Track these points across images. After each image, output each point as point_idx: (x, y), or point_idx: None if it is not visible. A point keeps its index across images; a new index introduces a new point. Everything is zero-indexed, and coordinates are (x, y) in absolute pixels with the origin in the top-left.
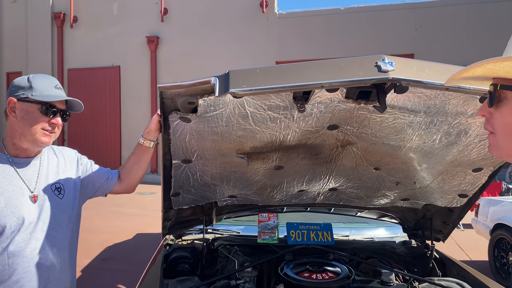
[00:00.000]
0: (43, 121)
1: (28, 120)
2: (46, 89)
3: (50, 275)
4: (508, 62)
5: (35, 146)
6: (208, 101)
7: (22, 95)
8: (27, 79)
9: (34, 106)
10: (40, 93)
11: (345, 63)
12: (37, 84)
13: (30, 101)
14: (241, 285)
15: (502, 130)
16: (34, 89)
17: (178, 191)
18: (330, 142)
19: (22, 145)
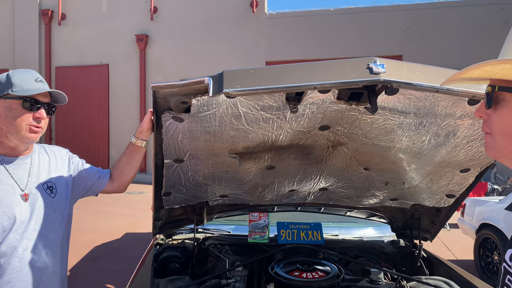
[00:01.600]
0: (27, 116)
1: (12, 117)
2: (26, 83)
3: (42, 275)
4: (507, 65)
5: (22, 143)
6: (201, 101)
7: (4, 92)
8: (6, 76)
9: (16, 102)
10: (21, 88)
11: (338, 65)
12: (16, 79)
13: (11, 97)
14: (231, 284)
15: (499, 131)
16: (14, 84)
17: (169, 191)
18: (321, 143)
19: (9, 143)
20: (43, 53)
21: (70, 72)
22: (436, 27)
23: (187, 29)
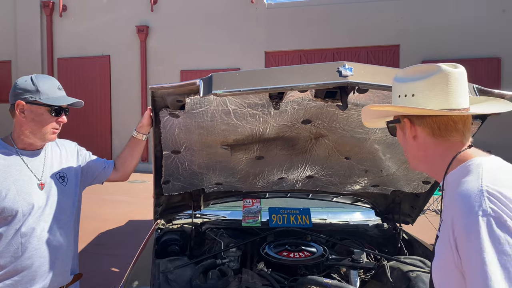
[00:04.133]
0: (52, 121)
1: (39, 121)
2: (52, 92)
3: (57, 252)
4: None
5: (43, 141)
6: (194, 100)
7: (31, 98)
8: (32, 83)
9: (43, 109)
10: (47, 96)
11: (312, 68)
12: (43, 87)
13: (41, 104)
14: (226, 263)
15: (407, 154)
16: (41, 92)
17: (168, 179)
18: (304, 135)
19: (29, 140)
20: (45, 44)
21: (72, 63)
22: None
23: (187, 20)
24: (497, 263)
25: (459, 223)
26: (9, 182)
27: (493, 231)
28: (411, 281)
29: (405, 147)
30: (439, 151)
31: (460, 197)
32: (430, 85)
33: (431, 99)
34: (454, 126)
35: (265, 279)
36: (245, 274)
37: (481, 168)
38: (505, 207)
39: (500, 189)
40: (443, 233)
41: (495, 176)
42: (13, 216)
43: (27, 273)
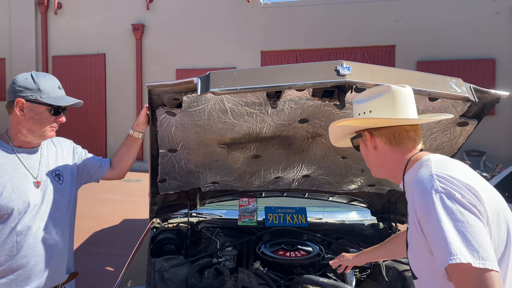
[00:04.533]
0: (51, 120)
1: (38, 120)
2: (53, 91)
3: (53, 251)
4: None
5: (42, 139)
6: (191, 98)
7: (31, 97)
8: (33, 81)
9: (43, 108)
10: (48, 95)
11: (310, 67)
12: (44, 86)
13: (40, 103)
14: (222, 262)
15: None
16: (42, 91)
17: (164, 178)
18: (301, 134)
19: (26, 139)
20: (40, 42)
21: (67, 62)
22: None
23: (183, 19)
24: (454, 229)
25: (419, 205)
26: (4, 180)
27: (446, 204)
28: (407, 281)
29: (367, 158)
30: (396, 156)
31: (416, 185)
32: (383, 101)
33: (384, 113)
34: (407, 135)
35: (261, 278)
36: (241, 273)
37: (430, 160)
38: (453, 185)
39: (446, 172)
40: (410, 223)
41: (441, 164)
42: (8, 214)
43: (23, 272)
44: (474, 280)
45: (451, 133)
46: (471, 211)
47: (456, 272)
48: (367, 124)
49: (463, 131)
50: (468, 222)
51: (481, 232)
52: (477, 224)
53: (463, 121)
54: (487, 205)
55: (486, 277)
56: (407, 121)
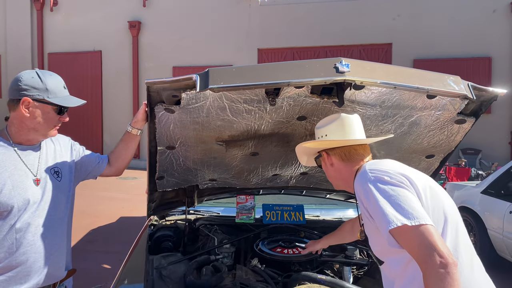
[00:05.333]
0: (56, 119)
1: (44, 119)
2: (60, 91)
3: (52, 248)
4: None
5: (43, 138)
6: (190, 95)
7: (38, 96)
8: (40, 80)
9: (50, 107)
10: (55, 95)
11: (309, 64)
12: (51, 86)
13: (48, 103)
14: (220, 259)
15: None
16: (49, 91)
17: (162, 175)
18: (299, 131)
19: (28, 136)
20: (35, 39)
21: (63, 59)
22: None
23: (179, 16)
24: (388, 203)
25: (362, 196)
26: (4, 176)
27: (378, 187)
28: None
29: (328, 173)
30: (348, 170)
31: (357, 182)
32: (335, 127)
33: (336, 136)
34: (355, 152)
35: (259, 275)
36: (239, 270)
37: (366, 164)
38: (381, 172)
39: (376, 167)
40: (364, 218)
41: (373, 163)
42: (8, 211)
43: (22, 269)
44: (415, 236)
45: (449, 131)
46: (400, 186)
47: (399, 235)
48: (323, 146)
49: (460, 128)
50: (398, 194)
51: (411, 199)
52: (407, 194)
53: (461, 119)
54: (416, 181)
55: (423, 231)
56: (354, 141)
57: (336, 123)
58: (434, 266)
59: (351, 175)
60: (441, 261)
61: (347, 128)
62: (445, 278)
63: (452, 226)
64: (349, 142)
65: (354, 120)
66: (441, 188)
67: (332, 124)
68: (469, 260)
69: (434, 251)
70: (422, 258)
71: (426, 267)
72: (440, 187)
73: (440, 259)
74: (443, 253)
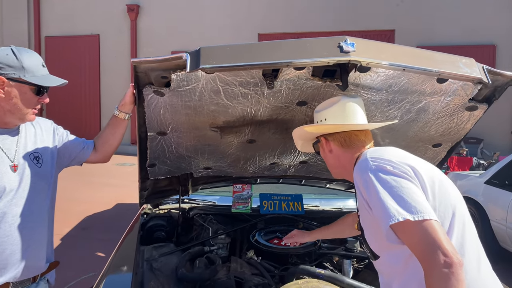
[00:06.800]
0: (35, 100)
1: (21, 100)
2: (37, 69)
3: (30, 239)
4: (305, 129)
5: (22, 122)
6: (180, 76)
7: (14, 75)
8: (15, 57)
9: (27, 87)
10: (33, 74)
11: (310, 43)
12: (28, 64)
13: (24, 83)
14: (214, 251)
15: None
16: (26, 69)
17: (154, 162)
18: (299, 118)
19: (4, 119)
20: (32, 22)
21: (60, 42)
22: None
23: (178, 0)
24: (390, 195)
25: (361, 185)
26: None
27: (380, 177)
28: None
29: (326, 160)
30: (348, 157)
31: (356, 171)
32: (335, 110)
33: (336, 120)
34: (356, 138)
35: (255, 268)
36: (234, 262)
37: (367, 151)
38: (383, 161)
39: (378, 155)
40: (361, 208)
41: (375, 150)
42: None
43: None
44: (417, 233)
45: (459, 118)
46: (403, 177)
47: (400, 230)
48: (321, 130)
49: (471, 116)
50: (401, 186)
51: (415, 191)
52: (410, 186)
53: (472, 105)
54: (421, 172)
55: (427, 227)
56: (354, 127)
57: (337, 106)
58: (437, 265)
59: (351, 163)
60: (445, 260)
61: (348, 112)
62: (449, 279)
63: (459, 221)
64: (350, 127)
65: (356, 104)
66: (448, 179)
67: (332, 108)
68: (476, 258)
69: (438, 249)
70: (424, 256)
71: (429, 266)
72: (447, 178)
73: (444, 258)
74: (448, 252)
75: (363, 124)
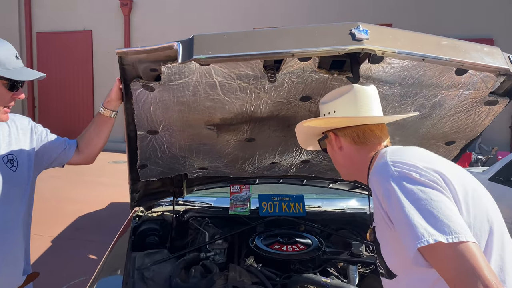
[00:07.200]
0: (8, 97)
1: None
2: (10, 61)
3: (3, 251)
4: (309, 123)
5: None
6: (172, 69)
7: None
8: None
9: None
10: (4, 67)
11: (318, 31)
12: (0, 56)
13: None
14: (211, 257)
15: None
16: None
17: (145, 163)
18: (302, 114)
19: None
20: (23, 18)
21: (52, 38)
22: None
23: None
24: (417, 210)
25: (380, 195)
26: None
27: (404, 186)
28: None
29: (335, 159)
30: (361, 155)
31: (374, 176)
32: (346, 101)
33: (347, 112)
34: (371, 133)
35: (255, 276)
36: (232, 270)
37: (386, 152)
38: (408, 166)
39: (400, 158)
40: (378, 220)
41: (396, 153)
42: None
43: None
44: (452, 257)
45: (476, 114)
46: (433, 187)
47: (430, 254)
48: (330, 124)
49: (490, 111)
50: (431, 199)
51: (447, 205)
52: (442, 199)
53: (492, 100)
54: (452, 180)
55: (463, 250)
56: (369, 120)
57: (348, 96)
58: None
59: (365, 163)
60: None
61: (361, 102)
62: None
63: (497, 238)
64: (365, 120)
65: (371, 93)
66: (481, 186)
67: (343, 98)
68: None
69: (478, 280)
70: (459, 286)
71: None
72: (480, 185)
73: None
74: (490, 283)
75: (381, 117)
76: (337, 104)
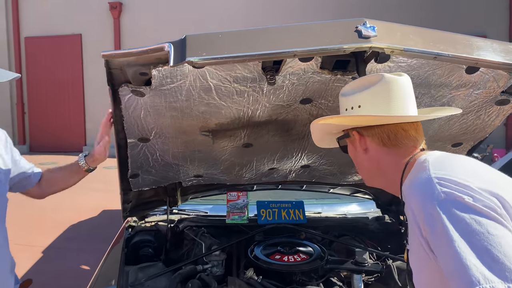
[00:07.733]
0: None
1: None
2: None
3: None
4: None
5: None
6: (163, 72)
7: None
8: None
9: None
10: None
11: (321, 28)
12: None
13: None
14: (208, 269)
15: (359, 169)
16: None
17: (136, 172)
18: (302, 118)
19: None
20: (10, 22)
21: (40, 43)
22: None
23: None
24: (470, 247)
25: (421, 220)
26: None
27: (454, 214)
28: None
29: (357, 163)
30: (392, 160)
31: (413, 194)
32: (374, 94)
33: (376, 108)
34: (405, 134)
35: None
36: (231, 284)
37: (427, 161)
38: (459, 187)
39: (447, 173)
40: (413, 244)
41: (440, 164)
42: None
43: None
44: None
45: (486, 114)
46: (490, 217)
47: None
48: (355, 123)
49: (500, 111)
50: (488, 233)
51: (508, 242)
52: (502, 233)
53: (504, 99)
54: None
55: None
56: (405, 119)
57: (377, 89)
58: None
59: (396, 170)
60: None
61: (394, 96)
62: None
63: None
64: (401, 119)
65: (405, 85)
66: None
67: (370, 91)
68: None
69: None
70: None
71: None
72: None
73: None
74: None
75: (419, 116)
76: (362, 98)
